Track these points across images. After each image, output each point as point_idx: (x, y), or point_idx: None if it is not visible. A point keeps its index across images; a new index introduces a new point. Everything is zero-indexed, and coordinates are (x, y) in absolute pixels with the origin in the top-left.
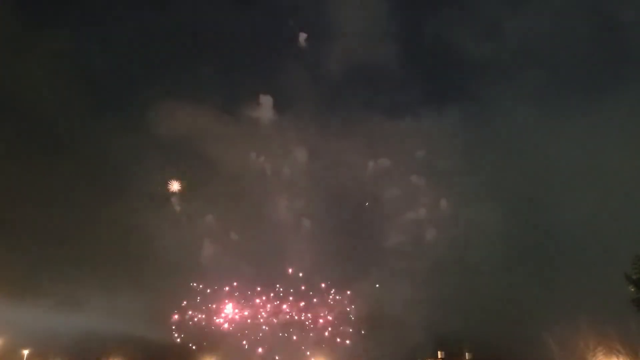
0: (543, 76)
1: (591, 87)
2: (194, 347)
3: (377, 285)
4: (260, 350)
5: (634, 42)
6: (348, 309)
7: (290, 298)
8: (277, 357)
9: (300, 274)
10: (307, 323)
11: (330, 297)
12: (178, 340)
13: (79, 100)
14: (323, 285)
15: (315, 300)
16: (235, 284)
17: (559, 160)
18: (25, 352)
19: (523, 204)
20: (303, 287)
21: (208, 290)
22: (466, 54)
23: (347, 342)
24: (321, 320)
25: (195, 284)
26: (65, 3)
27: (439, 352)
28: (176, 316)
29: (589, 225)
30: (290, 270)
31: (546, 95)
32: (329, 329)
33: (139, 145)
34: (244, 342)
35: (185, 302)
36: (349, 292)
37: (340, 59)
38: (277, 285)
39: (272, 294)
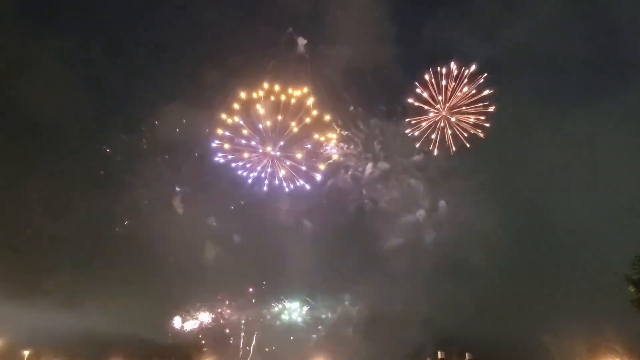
0: (542, 78)
1: (591, 89)
2: (193, 348)
3: (378, 287)
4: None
5: (633, 44)
6: (348, 311)
7: (291, 300)
8: (277, 358)
9: (301, 275)
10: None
11: (331, 298)
12: (178, 340)
13: (82, 103)
14: (323, 286)
15: (316, 301)
16: (236, 286)
17: (559, 161)
18: (26, 352)
19: (522, 205)
20: (303, 289)
21: (208, 292)
22: (464, 56)
23: (348, 342)
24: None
25: (195, 285)
26: (68, 6)
27: (439, 353)
28: (176, 317)
29: (589, 226)
30: (290, 272)
31: (545, 97)
32: (330, 329)
33: (141, 148)
34: (244, 343)
35: (185, 303)
36: (349, 293)
37: (339, 62)
38: (278, 287)
39: (272, 295)
